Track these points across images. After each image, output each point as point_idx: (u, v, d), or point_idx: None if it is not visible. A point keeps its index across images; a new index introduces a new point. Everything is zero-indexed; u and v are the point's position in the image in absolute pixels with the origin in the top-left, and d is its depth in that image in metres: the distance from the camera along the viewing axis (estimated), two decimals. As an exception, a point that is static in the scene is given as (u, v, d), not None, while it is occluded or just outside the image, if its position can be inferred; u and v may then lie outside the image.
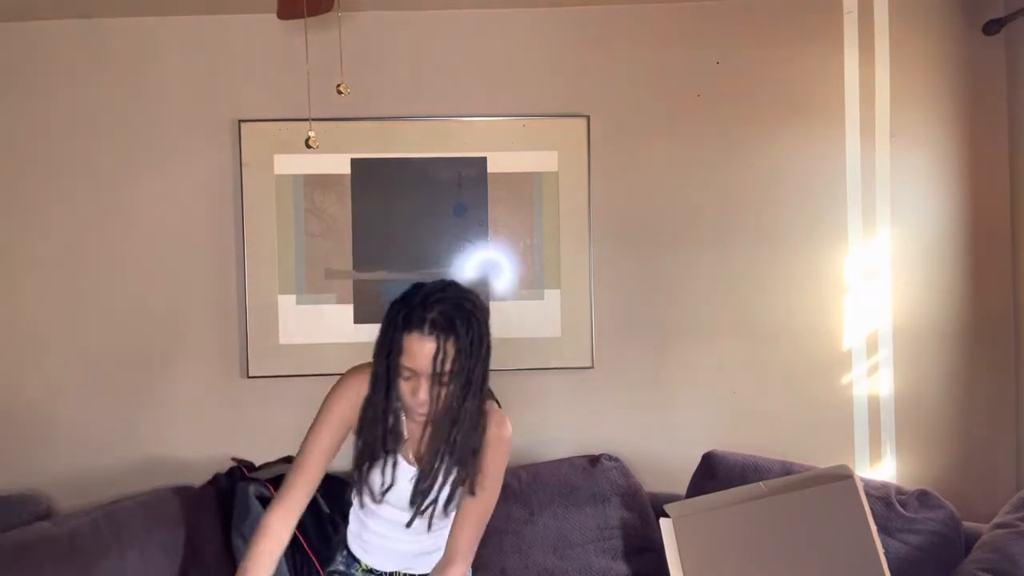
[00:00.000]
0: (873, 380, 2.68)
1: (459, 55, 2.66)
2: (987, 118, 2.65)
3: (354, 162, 2.63)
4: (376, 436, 1.65)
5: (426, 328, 1.52)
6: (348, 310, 2.63)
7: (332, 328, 2.63)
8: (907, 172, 2.67)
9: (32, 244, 2.62)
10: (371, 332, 2.58)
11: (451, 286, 1.60)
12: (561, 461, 2.53)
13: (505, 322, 2.65)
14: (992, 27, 2.57)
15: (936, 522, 2.11)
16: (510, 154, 2.64)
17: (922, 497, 2.16)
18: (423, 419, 1.61)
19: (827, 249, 2.67)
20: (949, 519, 2.12)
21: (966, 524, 2.16)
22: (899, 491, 2.19)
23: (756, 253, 2.67)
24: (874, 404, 2.68)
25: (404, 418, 1.69)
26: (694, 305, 2.68)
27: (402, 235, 2.64)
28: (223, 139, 2.63)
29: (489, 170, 2.65)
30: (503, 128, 2.65)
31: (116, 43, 2.62)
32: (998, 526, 2.04)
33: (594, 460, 2.50)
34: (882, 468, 2.68)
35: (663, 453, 2.66)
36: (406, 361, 1.55)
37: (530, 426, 2.68)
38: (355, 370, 1.73)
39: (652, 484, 2.59)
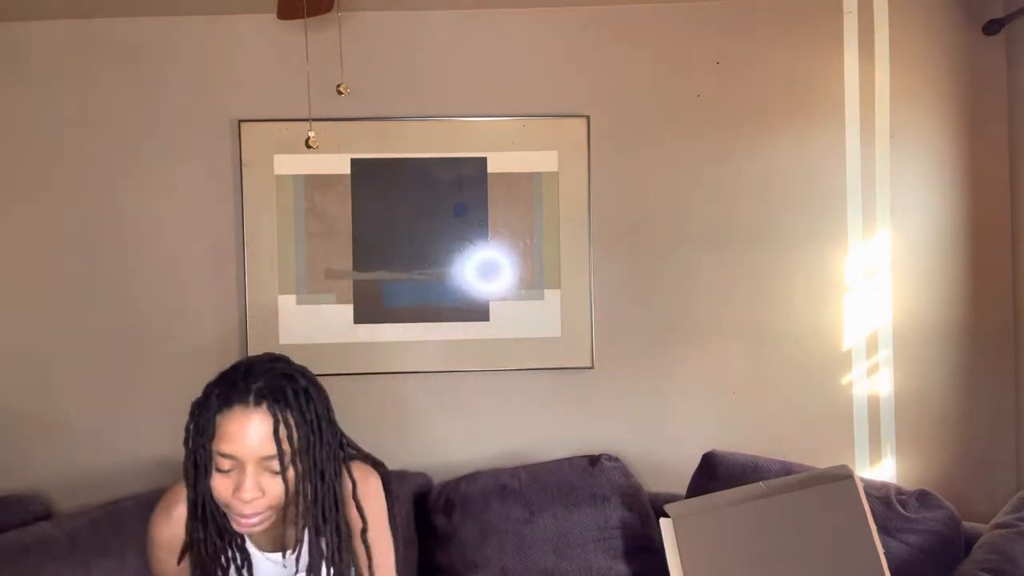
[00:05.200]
0: (873, 380, 2.68)
1: (459, 55, 2.66)
2: (987, 118, 2.65)
3: (354, 162, 2.63)
4: (222, 548, 1.36)
5: (251, 398, 1.26)
6: (348, 310, 2.63)
7: (332, 328, 2.63)
8: (907, 172, 2.67)
9: (32, 244, 2.62)
10: (371, 332, 2.63)
11: (278, 359, 1.36)
12: (561, 461, 2.53)
13: (505, 322, 2.65)
14: (992, 27, 2.57)
15: (936, 522, 2.11)
16: (510, 154, 2.64)
17: (922, 497, 2.16)
18: (250, 524, 1.30)
19: (827, 249, 2.67)
20: (949, 519, 2.12)
21: (966, 524, 2.16)
22: (899, 491, 2.19)
23: (756, 253, 2.67)
24: (874, 404, 2.68)
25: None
26: (694, 305, 2.68)
27: (402, 235, 2.64)
28: (223, 139, 2.63)
29: (489, 170, 2.65)
30: (503, 128, 2.65)
31: (116, 43, 2.62)
32: (998, 526, 2.04)
33: (594, 460, 2.50)
34: (882, 468, 2.68)
35: (663, 453, 2.66)
36: (222, 446, 1.26)
37: (530, 426, 2.68)
38: (159, 510, 1.45)
39: (652, 484, 2.59)
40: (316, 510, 1.34)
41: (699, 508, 2.15)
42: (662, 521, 2.15)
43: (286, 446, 1.26)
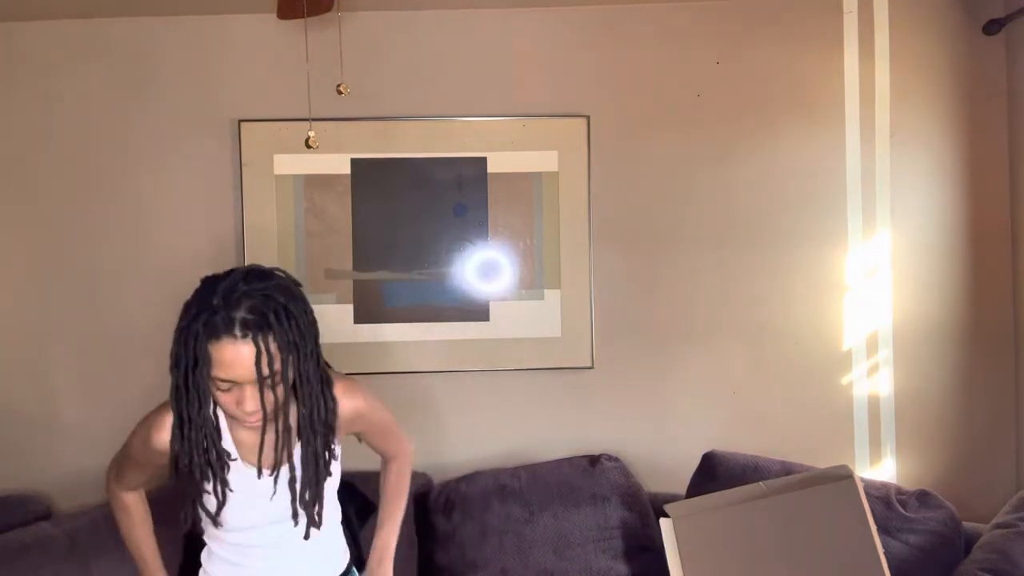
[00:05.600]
0: (873, 380, 2.68)
1: (459, 55, 2.66)
2: (987, 118, 2.65)
3: (354, 162, 2.63)
4: (204, 466, 1.44)
5: (237, 330, 1.31)
6: (348, 310, 2.63)
7: (332, 328, 2.62)
8: (907, 172, 2.67)
9: (32, 244, 2.62)
10: (372, 332, 2.63)
11: (251, 274, 1.40)
12: (561, 461, 2.53)
13: (505, 322, 2.65)
14: (992, 27, 2.57)
15: (936, 522, 2.11)
16: (510, 154, 2.64)
17: (922, 497, 2.16)
18: (258, 425, 1.41)
19: (827, 249, 2.67)
20: (949, 519, 2.12)
21: (966, 524, 2.16)
22: (899, 491, 2.19)
23: (756, 253, 2.67)
24: (874, 404, 2.68)
25: (228, 433, 1.50)
26: (694, 305, 2.68)
27: (402, 235, 2.64)
28: (223, 139, 2.63)
29: (489, 170, 2.65)
30: (503, 128, 2.65)
31: (116, 43, 2.62)
32: (998, 526, 2.04)
33: (594, 460, 2.50)
34: (882, 468, 2.68)
35: (663, 453, 2.66)
36: (219, 373, 1.33)
37: (530, 426, 2.68)
38: (152, 415, 1.53)
39: (652, 484, 2.59)
40: (307, 420, 1.44)
41: (699, 508, 2.15)
42: (662, 521, 2.16)
43: (278, 366, 1.34)
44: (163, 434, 1.47)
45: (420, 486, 2.54)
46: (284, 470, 1.50)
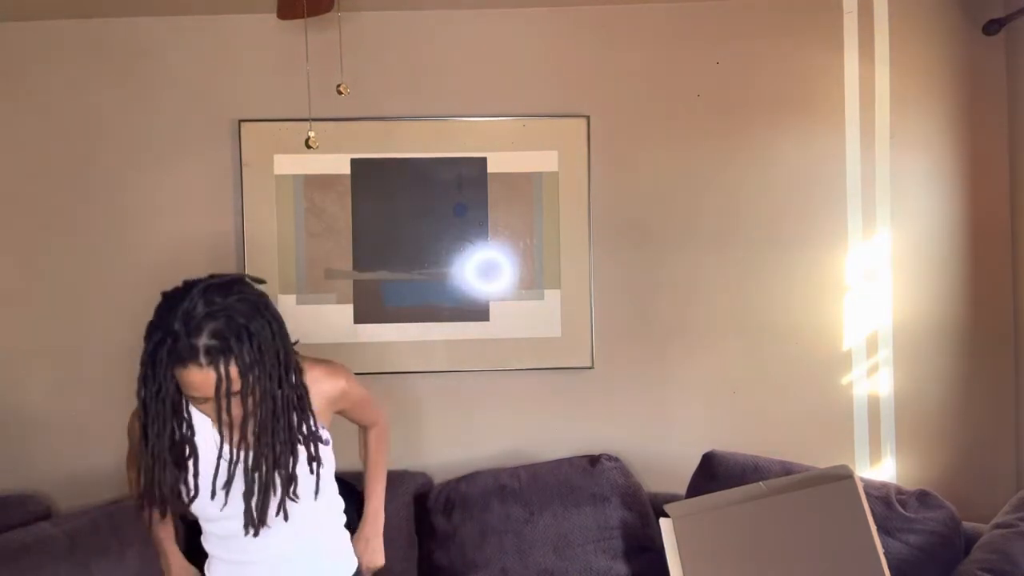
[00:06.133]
0: (873, 380, 2.68)
1: (459, 55, 2.66)
2: (987, 118, 2.65)
3: (354, 162, 2.63)
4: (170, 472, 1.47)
5: (202, 358, 1.33)
6: (348, 310, 2.63)
7: (332, 328, 2.63)
8: (907, 172, 2.67)
9: (32, 244, 2.62)
10: (371, 332, 2.63)
11: (210, 290, 1.37)
12: (561, 461, 2.53)
13: (505, 322, 2.65)
14: (992, 27, 2.57)
15: (936, 522, 2.11)
16: (510, 154, 2.64)
17: (922, 497, 2.16)
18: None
19: (827, 249, 2.67)
20: (949, 519, 2.12)
21: (966, 524, 2.16)
22: (899, 491, 2.19)
23: (756, 253, 2.67)
24: (874, 404, 2.68)
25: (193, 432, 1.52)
26: (694, 305, 2.68)
27: (402, 235, 2.64)
28: (223, 139, 2.63)
29: (489, 170, 2.65)
30: (503, 128, 2.65)
31: (116, 43, 2.62)
32: (998, 526, 2.04)
33: (594, 460, 2.50)
34: (882, 468, 2.68)
35: (663, 453, 2.66)
36: (189, 392, 1.38)
37: (530, 426, 2.68)
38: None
39: (652, 484, 2.59)
40: (271, 423, 1.44)
41: (699, 508, 2.15)
42: (662, 521, 2.16)
43: (237, 388, 1.36)
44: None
45: (420, 486, 2.54)
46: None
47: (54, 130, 2.62)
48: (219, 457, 1.49)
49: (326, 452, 1.61)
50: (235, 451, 1.46)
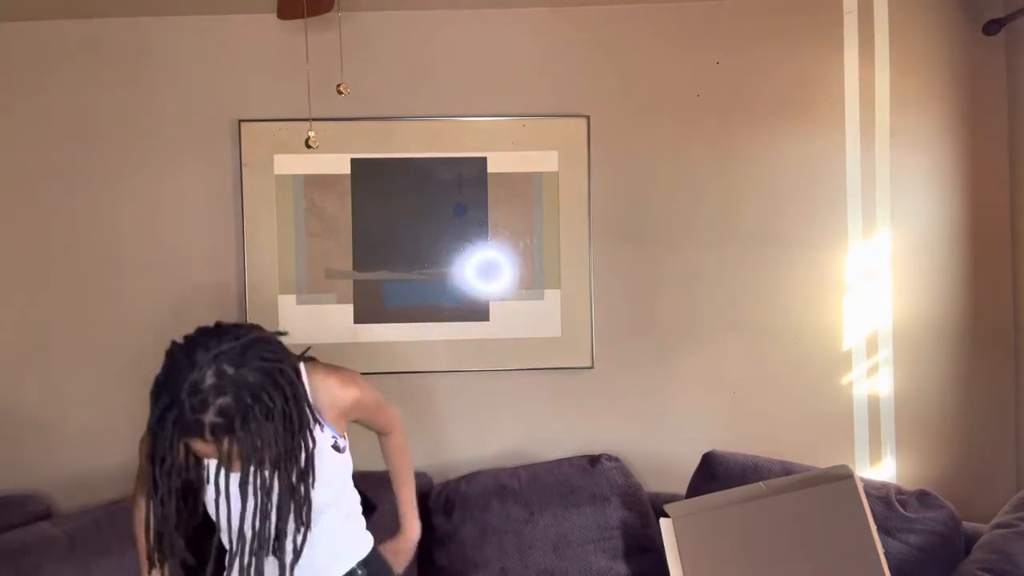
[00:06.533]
0: (873, 380, 2.68)
1: (459, 55, 2.66)
2: (987, 118, 2.65)
3: (354, 162, 2.63)
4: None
5: (207, 435, 1.33)
6: (348, 310, 2.63)
7: (332, 328, 2.63)
8: (907, 172, 2.67)
9: (32, 244, 2.62)
10: (371, 332, 2.63)
11: (222, 358, 1.34)
12: (561, 461, 2.53)
13: (505, 322, 2.65)
14: (992, 27, 2.57)
15: (936, 522, 2.11)
16: (510, 154, 2.64)
17: (922, 497, 2.16)
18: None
19: (827, 249, 2.67)
20: (949, 519, 2.12)
21: (966, 524, 2.16)
22: (899, 491, 2.19)
23: (756, 253, 2.67)
24: (874, 404, 2.68)
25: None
26: (694, 305, 2.68)
27: (402, 235, 2.64)
28: (223, 139, 2.63)
29: (489, 170, 2.65)
30: (503, 128, 2.65)
31: (116, 43, 2.62)
32: (998, 526, 2.04)
33: (594, 460, 2.50)
34: (882, 468, 2.68)
35: (663, 453, 2.66)
36: (198, 453, 1.42)
37: (530, 426, 2.68)
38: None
39: (652, 484, 2.59)
40: (271, 483, 1.42)
41: (699, 508, 2.15)
42: (662, 521, 2.16)
43: (240, 458, 1.36)
44: None
45: (420, 486, 2.52)
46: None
47: (54, 130, 2.62)
48: (217, 493, 1.50)
49: (343, 458, 1.62)
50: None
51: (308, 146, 2.00)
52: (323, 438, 1.56)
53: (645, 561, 2.34)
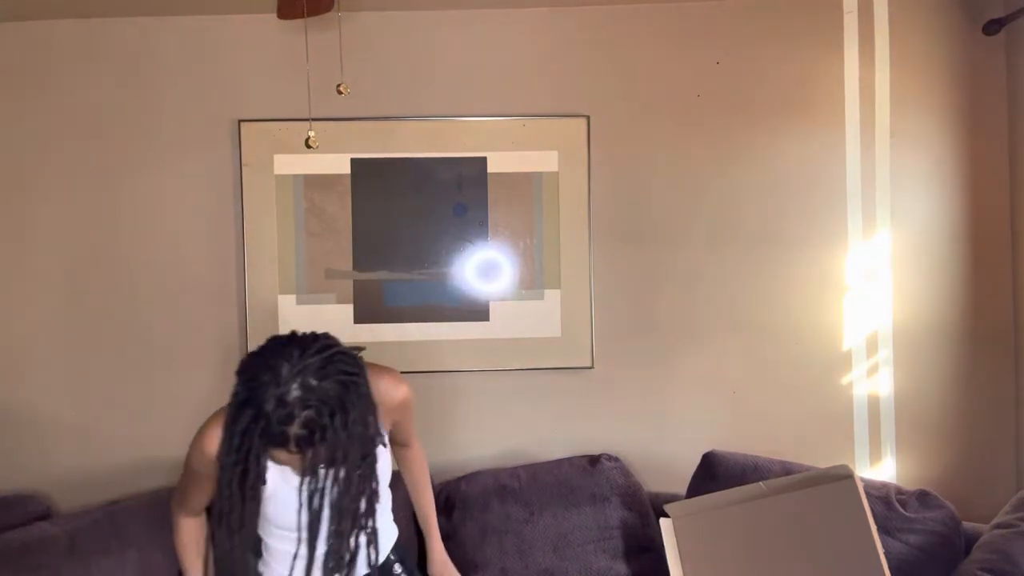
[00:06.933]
0: (873, 380, 2.68)
1: (458, 55, 2.66)
2: (987, 118, 2.65)
3: (354, 162, 2.63)
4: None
5: (292, 446, 1.39)
6: (348, 310, 2.63)
7: (332, 328, 2.56)
8: (907, 172, 2.67)
9: (32, 244, 2.62)
10: (372, 332, 2.63)
11: (307, 371, 1.39)
12: (561, 461, 2.53)
13: (505, 322, 2.65)
14: (992, 27, 2.57)
15: (936, 522, 2.11)
16: (510, 154, 2.64)
17: (922, 497, 2.16)
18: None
19: (827, 249, 2.67)
20: (949, 519, 2.12)
21: (966, 524, 2.16)
22: (899, 491, 2.19)
23: (756, 253, 2.67)
24: (874, 404, 2.68)
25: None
26: (694, 305, 2.68)
27: (402, 235, 2.64)
28: (223, 139, 2.63)
29: (489, 170, 2.65)
30: (503, 128, 2.65)
31: (116, 43, 2.62)
32: (998, 526, 2.04)
33: (594, 460, 2.50)
34: (882, 468, 2.68)
35: (663, 453, 2.66)
36: (279, 460, 1.47)
37: (530, 426, 2.68)
38: (211, 425, 1.59)
39: (652, 484, 2.59)
40: (341, 492, 1.48)
41: (699, 508, 2.15)
42: (662, 521, 2.16)
43: (323, 461, 1.43)
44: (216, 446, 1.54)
45: (420, 486, 2.54)
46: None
47: (54, 130, 2.61)
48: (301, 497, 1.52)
49: (387, 453, 1.72)
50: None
51: (308, 146, 2.00)
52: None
53: (645, 561, 2.34)
